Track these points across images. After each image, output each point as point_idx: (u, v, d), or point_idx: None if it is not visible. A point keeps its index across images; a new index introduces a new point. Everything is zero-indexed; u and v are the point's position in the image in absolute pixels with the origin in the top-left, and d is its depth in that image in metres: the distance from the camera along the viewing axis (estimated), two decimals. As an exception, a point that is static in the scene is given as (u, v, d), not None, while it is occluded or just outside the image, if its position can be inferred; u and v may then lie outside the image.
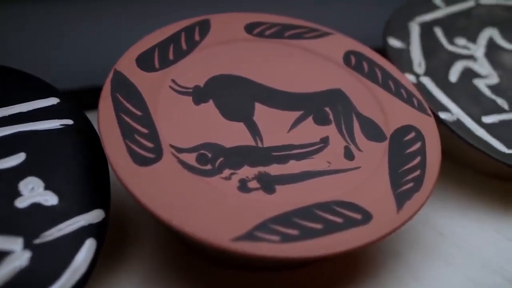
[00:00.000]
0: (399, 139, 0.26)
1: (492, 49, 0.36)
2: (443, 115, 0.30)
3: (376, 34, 0.37)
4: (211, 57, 0.29)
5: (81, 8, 0.33)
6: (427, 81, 0.33)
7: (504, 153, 0.29)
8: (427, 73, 0.33)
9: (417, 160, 0.25)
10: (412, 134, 0.27)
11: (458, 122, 0.30)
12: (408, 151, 0.26)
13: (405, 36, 0.35)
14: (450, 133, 0.30)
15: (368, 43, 0.36)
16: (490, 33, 0.37)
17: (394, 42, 0.34)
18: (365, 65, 0.30)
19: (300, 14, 0.36)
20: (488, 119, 0.31)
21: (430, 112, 0.28)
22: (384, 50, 0.34)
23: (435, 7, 0.38)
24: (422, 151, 0.26)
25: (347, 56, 0.30)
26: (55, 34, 0.33)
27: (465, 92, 0.33)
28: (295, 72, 0.29)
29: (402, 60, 0.34)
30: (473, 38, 0.36)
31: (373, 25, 0.38)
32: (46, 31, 0.33)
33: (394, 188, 0.24)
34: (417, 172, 0.25)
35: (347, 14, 0.41)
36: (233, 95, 0.27)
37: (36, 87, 0.27)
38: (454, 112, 0.31)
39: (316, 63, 0.30)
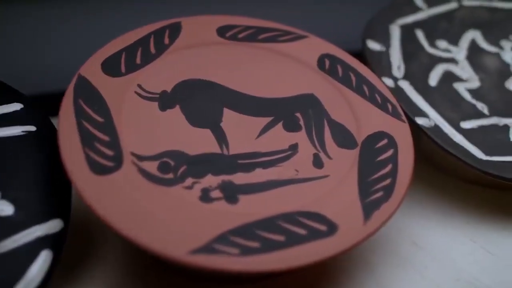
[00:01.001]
0: (370, 146, 0.26)
1: (474, 52, 0.35)
2: (420, 120, 0.29)
3: (357, 36, 0.37)
4: (181, 61, 0.28)
5: (50, 11, 0.32)
6: (405, 85, 0.32)
7: (481, 160, 0.28)
8: (406, 76, 0.32)
9: (388, 168, 0.25)
10: (385, 141, 0.26)
11: (436, 127, 0.29)
12: (379, 158, 0.25)
13: (385, 39, 0.34)
14: (428, 138, 0.29)
15: (349, 46, 0.35)
16: (472, 35, 0.36)
17: (373, 45, 0.33)
18: (340, 69, 0.29)
19: (279, 17, 0.36)
20: (467, 125, 0.30)
21: (404, 118, 0.27)
22: (363, 54, 0.33)
23: (417, 9, 0.37)
24: (394, 159, 0.25)
25: (321, 60, 0.30)
26: (23, 36, 0.33)
27: (444, 96, 0.32)
28: (267, 76, 0.28)
29: (381, 64, 0.33)
30: (455, 41, 0.35)
31: (354, 27, 0.37)
32: (12, 34, 0.32)
33: (362, 197, 0.23)
34: (388, 181, 0.24)
35: (327, 17, 0.40)
36: (201, 101, 0.27)
37: (-1, 92, 0.27)
38: (432, 117, 0.30)
39: (289, 67, 0.29)
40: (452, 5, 0.37)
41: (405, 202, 0.30)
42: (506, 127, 0.31)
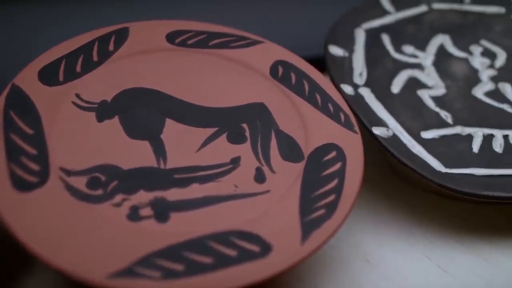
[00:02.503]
0: (317, 159, 0.24)
1: (441, 58, 0.33)
2: (377, 130, 0.28)
3: (322, 41, 0.35)
4: (125, 69, 0.27)
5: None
6: (366, 93, 0.30)
7: (440, 173, 0.27)
8: (367, 83, 0.31)
9: (334, 183, 0.23)
10: (333, 154, 0.24)
11: (394, 137, 0.28)
12: (325, 172, 0.24)
13: (348, 44, 0.33)
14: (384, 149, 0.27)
15: (313, 52, 0.34)
16: (441, 40, 0.34)
17: (335, 50, 0.32)
18: (293, 76, 0.28)
19: (240, 21, 0.35)
20: (428, 134, 0.29)
21: (357, 129, 0.26)
22: (324, 59, 0.32)
23: (384, 13, 0.35)
24: (341, 173, 0.24)
25: (274, 67, 0.28)
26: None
27: (406, 104, 0.30)
28: (216, 84, 0.27)
29: (342, 70, 0.31)
30: (422, 46, 0.34)
31: (319, 32, 0.35)
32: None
33: (302, 215, 0.22)
34: (331, 197, 0.23)
35: (291, 21, 0.39)
36: (142, 111, 0.25)
37: None
38: (391, 126, 0.29)
39: (239, 74, 0.28)
40: (422, 9, 0.36)
41: (362, 216, 0.28)
42: (469, 137, 0.29)
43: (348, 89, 0.30)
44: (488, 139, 0.29)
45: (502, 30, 0.35)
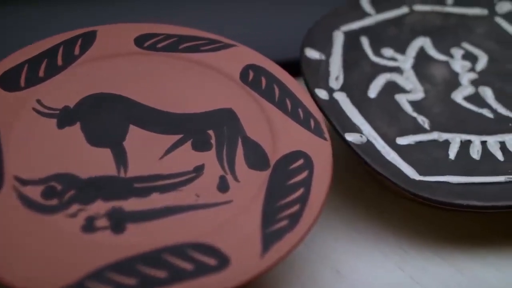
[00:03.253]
0: (283, 168, 0.23)
1: (421, 61, 0.33)
2: (350, 136, 0.27)
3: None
4: (90, 74, 0.26)
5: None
6: (341, 97, 0.29)
7: (414, 181, 0.26)
8: (343, 88, 0.30)
9: (299, 192, 0.22)
10: (300, 162, 0.24)
11: (368, 144, 0.27)
12: (291, 181, 0.23)
13: (326, 47, 0.32)
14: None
15: (291, 55, 0.33)
16: (421, 42, 0.34)
17: (312, 54, 0.31)
18: (264, 81, 0.27)
19: (215, 24, 0.34)
20: (403, 141, 0.28)
21: (327, 136, 0.25)
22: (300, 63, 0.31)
23: (364, 15, 0.34)
24: (307, 182, 0.23)
25: (245, 71, 0.27)
26: None
27: (383, 109, 0.30)
28: (184, 90, 0.26)
29: (318, 74, 0.31)
30: (402, 49, 0.33)
31: (299, 34, 0.35)
32: None
33: (264, 226, 0.21)
34: (296, 207, 0.22)
35: (269, 24, 0.38)
36: (105, 117, 0.25)
37: None
38: (365, 132, 0.28)
39: (209, 79, 0.27)
40: (403, 10, 0.35)
41: (335, 224, 0.28)
42: (446, 143, 0.28)
43: (322, 93, 0.29)
44: (465, 145, 0.28)
45: (484, 32, 0.34)
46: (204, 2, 0.38)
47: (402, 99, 0.30)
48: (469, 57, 0.33)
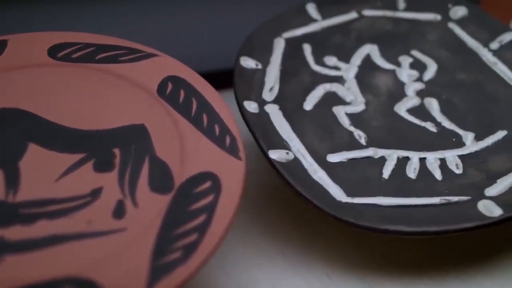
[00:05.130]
0: (188, 191, 0.22)
1: (366, 70, 0.31)
2: (274, 154, 0.25)
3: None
4: (-6, 87, 0.24)
5: None
6: (273, 110, 0.28)
7: (339, 203, 0.24)
8: (277, 99, 0.28)
9: (200, 219, 0.20)
10: (207, 184, 0.22)
11: (294, 161, 0.25)
12: (194, 207, 0.21)
13: (265, 55, 0.30)
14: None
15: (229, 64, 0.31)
16: (368, 50, 0.31)
17: (248, 62, 0.29)
18: (182, 94, 0.25)
19: (144, 33, 0.32)
20: (334, 158, 0.26)
21: (242, 154, 0.23)
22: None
23: (310, 20, 0.32)
24: (211, 208, 0.21)
25: (164, 84, 0.26)
26: None
27: (318, 123, 0.28)
28: (96, 104, 0.25)
29: (252, 84, 0.29)
30: (347, 57, 0.31)
31: (239, 41, 0.33)
32: None
33: (154, 258, 0.19)
34: (193, 237, 0.20)
35: (205, 30, 0.36)
36: (2, 135, 0.23)
37: None
38: (294, 149, 0.26)
39: (124, 92, 0.25)
40: (351, 16, 0.33)
41: (253, 247, 0.26)
42: (382, 160, 0.26)
43: (252, 106, 0.27)
44: (402, 162, 0.26)
45: (436, 39, 0.32)
46: (136, 7, 0.36)
47: (340, 112, 0.28)
48: (418, 65, 0.31)
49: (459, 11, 0.33)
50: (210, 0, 0.35)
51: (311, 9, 0.33)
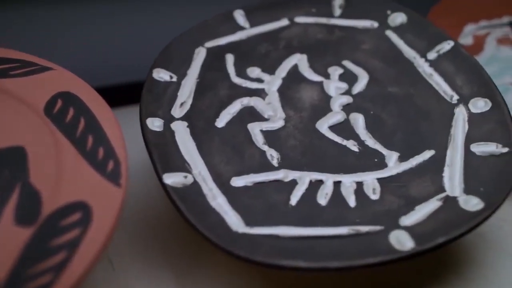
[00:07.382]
0: (54, 223, 0.19)
1: (291, 82, 0.28)
2: (170, 178, 0.23)
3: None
4: None
5: None
6: (180, 128, 0.25)
7: (234, 234, 0.21)
8: (187, 116, 0.26)
9: (59, 257, 0.18)
10: (77, 216, 0.20)
11: (193, 186, 0.23)
12: (55, 242, 0.19)
13: (182, 66, 0.28)
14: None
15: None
16: (296, 60, 0.29)
17: (162, 75, 0.27)
18: (71, 113, 0.23)
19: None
20: (239, 181, 0.24)
21: (122, 181, 0.21)
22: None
23: (237, 28, 0.30)
24: (73, 244, 0.19)
25: (52, 101, 0.24)
26: None
27: (228, 142, 0.25)
28: (-25, 123, 0.23)
29: (161, 99, 0.26)
30: (272, 68, 0.29)
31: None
32: None
33: (-2, 303, 0.17)
34: (46, 278, 0.18)
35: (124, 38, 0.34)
36: None
37: None
38: (195, 171, 0.24)
39: (8, 111, 0.23)
40: (282, 23, 0.31)
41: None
42: (292, 184, 0.24)
43: (156, 124, 0.25)
44: (315, 186, 0.24)
45: (371, 48, 0.29)
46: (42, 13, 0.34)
47: (255, 129, 0.26)
48: (348, 77, 0.28)
49: (397, 18, 0.30)
50: (134, 3, 0.33)
51: (239, 16, 0.30)
